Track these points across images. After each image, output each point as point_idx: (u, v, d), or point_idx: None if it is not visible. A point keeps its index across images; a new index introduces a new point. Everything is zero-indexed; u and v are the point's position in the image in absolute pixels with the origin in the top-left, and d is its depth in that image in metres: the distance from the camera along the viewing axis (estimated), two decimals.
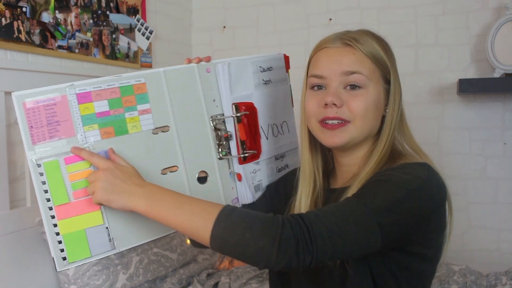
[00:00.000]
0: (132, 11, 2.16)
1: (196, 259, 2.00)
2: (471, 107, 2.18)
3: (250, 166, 1.09)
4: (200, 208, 0.82)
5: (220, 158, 1.05)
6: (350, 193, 0.92)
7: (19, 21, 1.59)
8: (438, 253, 0.96)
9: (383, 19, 2.28)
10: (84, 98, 0.90)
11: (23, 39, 1.60)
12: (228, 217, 0.79)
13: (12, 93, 0.85)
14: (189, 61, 1.05)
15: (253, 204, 1.10)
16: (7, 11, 1.54)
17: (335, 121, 0.95)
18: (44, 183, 0.86)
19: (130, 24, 2.15)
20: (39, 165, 0.86)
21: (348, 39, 0.96)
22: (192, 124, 1.01)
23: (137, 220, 0.92)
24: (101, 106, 0.92)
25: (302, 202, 1.04)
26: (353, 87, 0.95)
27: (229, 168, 1.07)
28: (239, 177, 1.06)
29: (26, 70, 1.58)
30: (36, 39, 1.65)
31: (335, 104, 0.94)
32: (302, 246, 0.77)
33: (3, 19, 1.53)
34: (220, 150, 1.05)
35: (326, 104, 0.95)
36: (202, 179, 1.02)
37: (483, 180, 2.18)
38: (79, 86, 0.90)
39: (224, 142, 1.05)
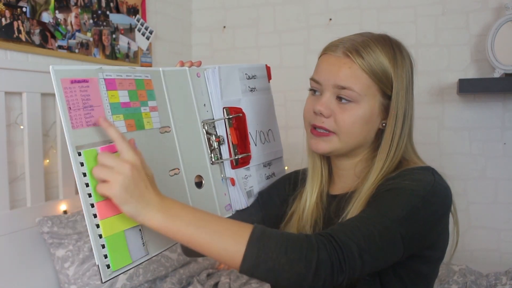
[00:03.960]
0: (132, 11, 2.16)
1: (196, 259, 1.99)
2: (471, 107, 2.18)
3: (242, 171, 1.09)
4: (226, 228, 0.76)
5: (213, 163, 1.04)
6: (355, 204, 0.91)
7: (19, 21, 1.59)
8: (443, 254, 0.96)
9: (383, 19, 2.28)
10: (110, 84, 0.85)
11: (23, 39, 1.60)
12: (260, 240, 0.75)
13: (50, 66, 0.76)
14: (182, 64, 1.03)
15: (247, 209, 1.09)
16: (7, 11, 1.54)
17: (322, 130, 0.96)
18: (85, 175, 0.76)
19: (130, 24, 2.15)
20: (79, 154, 0.76)
21: (349, 50, 0.93)
22: (187, 128, 1.00)
23: None
24: (124, 96, 0.87)
25: (308, 198, 1.05)
26: (344, 100, 0.94)
27: (221, 174, 1.06)
28: (233, 182, 1.06)
29: (26, 70, 1.58)
30: (36, 39, 1.65)
31: (322, 114, 0.95)
32: (336, 268, 0.74)
33: (3, 19, 1.53)
34: (212, 155, 1.04)
35: (315, 112, 0.96)
36: (198, 184, 1.01)
37: (483, 180, 2.18)
38: (106, 71, 0.84)
39: (216, 147, 1.04)
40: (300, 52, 2.42)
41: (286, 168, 1.27)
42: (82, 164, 0.76)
